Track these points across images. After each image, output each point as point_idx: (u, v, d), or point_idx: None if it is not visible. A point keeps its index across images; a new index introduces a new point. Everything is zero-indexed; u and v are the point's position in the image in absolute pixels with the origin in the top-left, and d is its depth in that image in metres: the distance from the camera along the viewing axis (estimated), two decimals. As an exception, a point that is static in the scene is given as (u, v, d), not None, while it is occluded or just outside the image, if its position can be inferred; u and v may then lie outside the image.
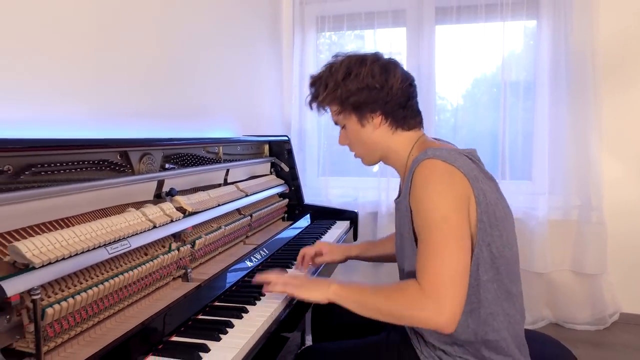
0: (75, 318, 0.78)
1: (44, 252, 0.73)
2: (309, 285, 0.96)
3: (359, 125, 1.02)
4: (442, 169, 0.86)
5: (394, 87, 0.97)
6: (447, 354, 0.95)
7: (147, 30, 1.39)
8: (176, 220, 1.09)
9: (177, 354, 0.75)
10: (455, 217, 0.83)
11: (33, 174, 0.81)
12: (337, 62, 1.02)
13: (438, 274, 0.80)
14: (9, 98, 0.94)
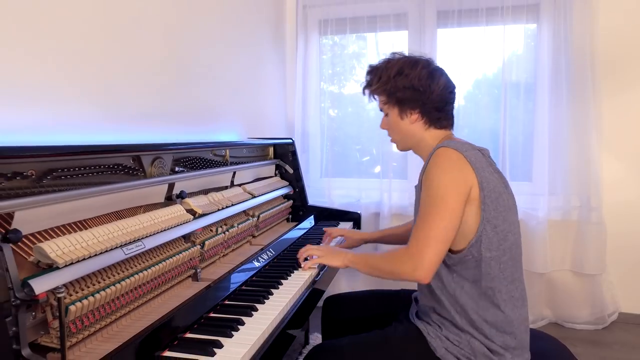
0: (94, 315, 0.82)
1: (66, 252, 0.77)
2: (331, 255, 1.21)
3: (398, 117, 1.16)
4: (451, 156, 1.01)
5: (434, 92, 1.12)
6: (452, 332, 1.04)
7: (157, 37, 1.43)
8: (186, 222, 1.13)
9: (192, 349, 0.79)
10: (452, 199, 0.98)
11: (54, 178, 0.85)
12: (394, 60, 1.16)
13: (423, 238, 0.98)
14: (30, 104, 0.98)
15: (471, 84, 2.56)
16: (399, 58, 1.17)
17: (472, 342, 1.02)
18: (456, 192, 0.99)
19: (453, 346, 1.03)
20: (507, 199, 1.05)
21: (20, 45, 0.96)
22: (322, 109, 2.72)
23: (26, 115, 0.97)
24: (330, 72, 2.76)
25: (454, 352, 1.02)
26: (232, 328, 0.87)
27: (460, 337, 1.03)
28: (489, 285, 1.02)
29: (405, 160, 2.62)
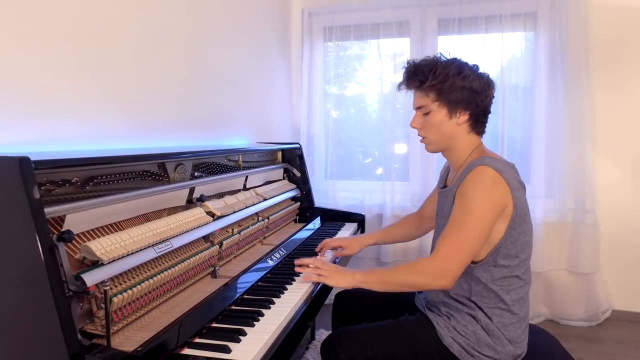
0: (131, 306, 0.92)
1: (109, 251, 0.87)
2: (337, 275, 1.19)
3: (447, 117, 1.16)
4: (491, 177, 1.07)
5: (489, 97, 1.17)
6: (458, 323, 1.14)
7: (177, 52, 1.53)
8: (207, 224, 1.23)
9: (220, 337, 0.88)
10: (486, 218, 1.05)
11: (94, 185, 0.95)
12: (447, 60, 1.17)
13: (452, 248, 1.05)
14: (69, 117, 1.08)
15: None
16: (453, 59, 1.17)
17: (478, 334, 1.11)
18: (491, 212, 1.05)
19: (459, 335, 1.12)
20: (529, 215, 1.15)
21: (67, 65, 1.06)
22: (326, 113, 2.82)
23: (68, 127, 1.07)
24: (333, 74, 2.86)
25: (460, 341, 1.12)
26: (253, 318, 0.97)
27: (466, 329, 1.13)
28: (500, 289, 1.11)
29: (406, 162, 2.72)
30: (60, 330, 0.67)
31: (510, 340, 1.11)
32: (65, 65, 1.07)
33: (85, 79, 1.14)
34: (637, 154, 2.38)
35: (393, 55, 2.76)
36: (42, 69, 1.01)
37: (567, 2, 2.34)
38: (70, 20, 1.08)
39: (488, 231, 1.07)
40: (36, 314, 0.68)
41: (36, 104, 1.00)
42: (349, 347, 1.17)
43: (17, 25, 0.95)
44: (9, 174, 0.66)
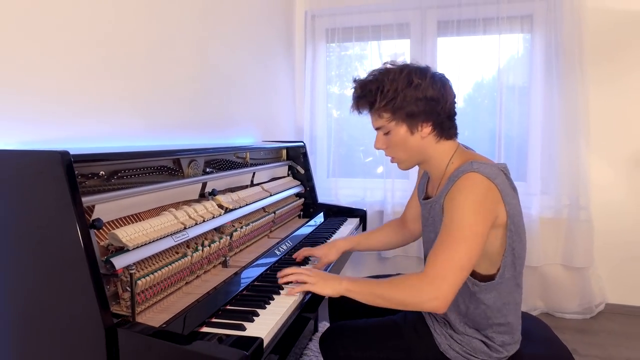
0: (153, 290, 1.00)
1: (133, 238, 0.95)
2: (322, 282, 1.08)
3: (408, 133, 1.07)
4: (482, 184, 0.97)
5: (448, 100, 1.06)
6: (456, 332, 1.13)
7: (187, 56, 1.61)
8: (219, 216, 1.31)
9: (235, 317, 0.96)
10: (480, 226, 0.95)
11: (119, 178, 1.03)
12: (395, 71, 1.05)
13: (444, 264, 0.94)
14: (93, 117, 1.16)
15: (470, 88, 2.73)
16: (401, 68, 1.06)
17: (473, 342, 1.11)
18: (483, 222, 0.95)
19: (455, 344, 1.12)
20: (522, 217, 1.06)
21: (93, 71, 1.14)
22: (328, 113, 2.89)
23: (92, 126, 1.15)
24: (334, 74, 2.93)
25: (456, 349, 1.11)
26: (264, 302, 1.05)
27: (463, 338, 1.12)
28: (503, 302, 1.07)
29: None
30: (97, 306, 0.75)
31: (504, 344, 1.11)
32: (91, 72, 1.15)
33: (107, 83, 1.22)
34: (630, 152, 2.46)
35: (394, 54, 2.84)
36: (73, 75, 1.09)
37: (562, 5, 2.42)
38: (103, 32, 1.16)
39: (482, 243, 0.96)
40: (75, 291, 0.76)
41: (65, 105, 1.08)
42: (347, 345, 1.19)
43: (57, 35, 1.03)
44: (52, 166, 0.74)
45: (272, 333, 0.91)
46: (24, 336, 0.84)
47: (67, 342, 0.79)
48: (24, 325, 0.83)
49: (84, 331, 0.77)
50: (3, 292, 0.84)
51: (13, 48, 0.94)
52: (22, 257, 0.80)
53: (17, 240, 0.80)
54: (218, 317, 0.97)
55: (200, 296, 1.07)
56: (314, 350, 2.11)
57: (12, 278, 0.83)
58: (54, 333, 0.81)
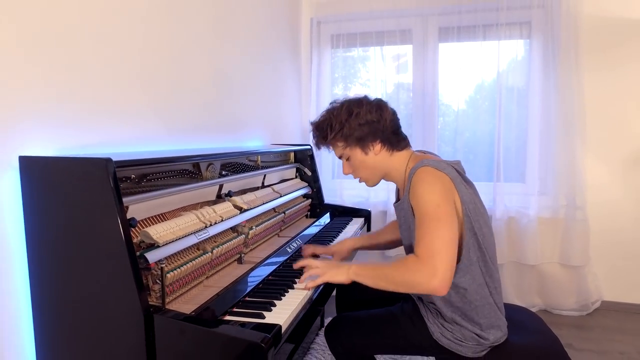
0: (179, 283, 1.10)
1: (162, 235, 1.05)
2: (333, 270, 1.17)
3: (363, 154, 1.24)
4: (433, 174, 1.11)
5: (387, 119, 1.23)
6: (447, 322, 1.24)
7: (203, 64, 1.71)
8: (235, 216, 1.41)
9: (254, 307, 1.06)
10: (445, 205, 1.06)
11: (147, 181, 1.13)
12: (338, 107, 1.25)
13: (431, 244, 1.02)
14: (123, 123, 1.26)
15: (469, 92, 2.82)
16: (340, 104, 1.26)
17: (463, 331, 1.21)
18: (446, 202, 1.07)
19: (447, 331, 1.22)
20: (479, 206, 1.19)
21: (120, 82, 1.24)
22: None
23: (121, 131, 1.25)
24: (337, 76, 3.03)
25: (447, 336, 1.22)
26: (280, 294, 1.14)
27: (453, 326, 1.22)
28: (478, 284, 1.17)
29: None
30: (137, 296, 0.85)
31: (492, 325, 1.20)
32: (122, 83, 1.26)
33: (135, 93, 1.33)
34: (625, 154, 2.55)
35: (396, 56, 2.93)
36: (107, 87, 1.19)
37: (559, 12, 2.52)
38: (136, 48, 1.27)
39: (455, 220, 1.06)
40: (117, 281, 0.87)
41: (99, 113, 1.18)
42: (350, 333, 1.31)
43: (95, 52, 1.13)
44: (97, 170, 0.84)
45: (288, 321, 1.01)
46: (72, 322, 0.94)
47: (110, 327, 0.90)
48: (72, 311, 0.93)
49: (125, 317, 0.88)
50: (55, 282, 0.94)
51: (56, 64, 1.04)
52: (71, 252, 0.91)
53: (65, 236, 0.91)
54: (239, 307, 1.07)
55: (220, 289, 1.17)
56: (320, 344, 2.21)
57: (62, 270, 0.93)
58: (99, 319, 0.91)
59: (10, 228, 0.94)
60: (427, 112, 2.76)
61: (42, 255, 0.94)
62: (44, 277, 0.95)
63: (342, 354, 1.36)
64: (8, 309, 0.95)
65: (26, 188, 0.93)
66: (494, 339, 1.22)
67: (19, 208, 0.95)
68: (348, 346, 1.33)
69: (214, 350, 0.84)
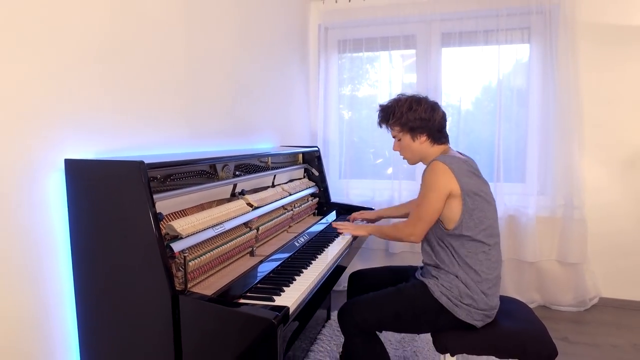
0: (199, 271, 1.24)
1: (185, 228, 1.19)
2: (358, 229, 1.83)
3: (411, 140, 1.59)
4: (439, 167, 1.45)
5: (436, 120, 1.56)
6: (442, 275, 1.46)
7: (220, 78, 1.85)
8: (247, 212, 1.55)
9: (265, 292, 1.20)
10: (435, 190, 1.44)
11: (171, 180, 1.27)
12: (403, 99, 1.60)
13: (414, 217, 1.50)
14: (151, 128, 1.41)
15: (471, 95, 2.93)
16: (406, 98, 1.60)
17: (459, 287, 1.44)
18: (439, 191, 1.45)
19: (445, 289, 1.45)
20: (484, 195, 1.48)
21: (152, 91, 1.39)
22: (340, 117, 3.12)
23: (150, 136, 1.40)
24: (346, 77, 3.15)
25: (446, 294, 1.44)
26: (288, 281, 1.28)
27: (450, 284, 1.45)
28: (467, 251, 1.46)
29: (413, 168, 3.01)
30: (166, 280, 0.99)
31: (483, 291, 1.43)
32: (152, 92, 1.40)
33: (164, 101, 1.47)
34: (622, 155, 2.64)
35: (404, 56, 3.04)
36: (138, 96, 1.34)
37: (557, 18, 2.61)
38: (166, 60, 1.41)
39: (438, 204, 1.45)
40: (148, 268, 1.01)
41: (131, 120, 1.33)
42: (361, 311, 1.48)
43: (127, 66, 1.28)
44: (132, 171, 0.99)
45: (295, 304, 1.14)
46: (109, 304, 1.08)
47: (142, 306, 1.04)
48: (109, 294, 1.08)
49: (155, 298, 1.02)
50: (94, 269, 1.09)
51: (95, 78, 1.19)
52: (108, 242, 1.05)
53: (104, 229, 1.05)
54: (252, 292, 1.21)
55: (234, 277, 1.31)
56: (327, 335, 2.34)
57: (100, 258, 1.07)
58: (132, 301, 1.05)
59: (57, 221, 1.09)
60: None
61: (84, 245, 1.09)
62: (85, 264, 1.09)
63: (354, 333, 1.49)
64: (54, 292, 1.10)
65: (70, 187, 1.08)
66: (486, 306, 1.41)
67: (64, 204, 1.10)
68: (359, 323, 1.47)
69: (231, 326, 0.98)
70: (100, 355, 1.11)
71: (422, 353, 2.17)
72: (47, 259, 1.07)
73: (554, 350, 1.34)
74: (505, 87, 2.78)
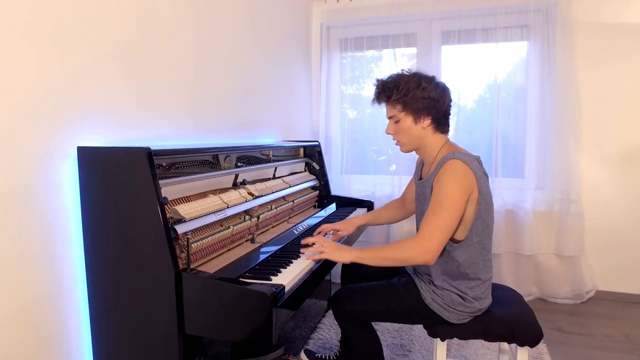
0: (201, 253, 1.32)
1: (188, 212, 1.27)
2: (336, 252, 1.36)
3: (412, 123, 1.39)
4: (461, 168, 1.29)
5: (445, 102, 1.38)
6: (437, 288, 1.43)
7: (225, 75, 1.94)
8: (248, 201, 1.63)
9: (264, 273, 1.27)
10: (457, 199, 1.26)
11: (176, 168, 1.35)
12: (410, 75, 1.38)
13: (432, 227, 1.25)
14: (160, 121, 1.50)
15: (471, 91, 2.98)
16: (413, 73, 1.38)
17: (451, 295, 1.40)
18: (462, 195, 1.27)
19: (437, 297, 1.41)
20: (490, 195, 1.39)
21: (161, 88, 1.48)
22: (343, 116, 3.19)
23: (159, 129, 1.49)
24: (350, 76, 3.22)
25: (437, 301, 1.41)
26: (286, 264, 1.36)
27: (443, 292, 1.41)
28: (472, 261, 1.37)
29: (413, 159, 3.07)
30: (170, 259, 1.07)
31: (476, 297, 1.40)
32: (161, 89, 1.49)
33: (171, 96, 1.56)
34: (618, 151, 2.68)
35: (406, 55, 3.10)
36: (149, 92, 1.42)
37: (555, 17, 2.66)
38: (175, 58, 1.50)
39: (461, 211, 1.27)
40: (154, 248, 1.09)
41: (141, 113, 1.41)
42: (352, 301, 1.49)
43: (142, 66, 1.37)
44: (138, 158, 1.07)
45: (291, 283, 1.22)
46: (118, 281, 1.17)
47: (148, 283, 1.12)
48: (118, 272, 1.16)
49: (160, 275, 1.10)
50: (104, 248, 1.17)
51: (108, 72, 1.28)
52: (117, 224, 1.14)
53: (114, 211, 1.14)
54: (250, 273, 1.29)
55: (236, 258, 1.39)
56: (327, 324, 2.42)
57: (110, 238, 1.16)
58: (139, 278, 1.14)
59: (70, 204, 1.18)
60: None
61: (95, 226, 1.17)
62: (96, 243, 1.18)
63: (345, 320, 1.55)
64: (68, 268, 1.19)
65: (82, 172, 1.16)
66: (477, 309, 1.41)
67: (77, 188, 1.18)
68: (350, 312, 1.52)
69: (231, 301, 1.06)
70: (110, 326, 1.19)
71: (418, 341, 2.23)
72: (61, 239, 1.16)
73: (539, 334, 1.40)
74: (504, 84, 2.83)
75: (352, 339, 1.56)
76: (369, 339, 1.57)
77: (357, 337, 1.56)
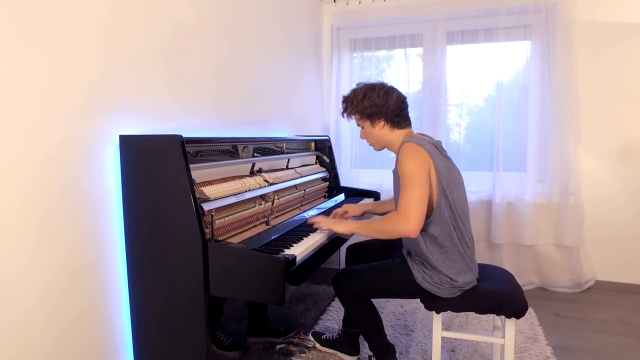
0: (223, 229, 1.50)
1: (212, 193, 1.46)
2: (339, 224, 1.62)
3: (371, 127, 1.65)
4: (412, 147, 1.48)
5: (391, 104, 1.60)
6: (427, 269, 1.58)
7: (243, 74, 2.12)
8: (264, 187, 1.81)
9: (278, 245, 1.45)
10: (419, 173, 1.43)
11: (201, 156, 1.54)
12: (358, 89, 1.66)
13: (406, 202, 1.42)
14: (188, 114, 1.69)
15: (474, 89, 3.12)
16: (361, 87, 1.65)
17: (440, 275, 1.54)
18: (421, 168, 1.44)
19: (427, 276, 1.56)
20: (454, 177, 1.55)
21: (189, 85, 1.67)
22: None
23: (187, 121, 1.68)
24: (360, 75, 3.36)
25: (428, 280, 1.56)
26: (297, 240, 1.53)
27: (432, 272, 1.55)
28: (448, 234, 1.53)
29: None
30: (198, 230, 1.26)
31: (462, 270, 1.54)
32: (188, 85, 1.68)
33: (197, 92, 1.76)
34: (616, 145, 2.79)
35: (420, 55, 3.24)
36: (179, 87, 1.62)
37: (555, 16, 2.78)
38: (199, 56, 1.69)
39: (426, 182, 1.43)
40: (184, 221, 1.28)
41: (171, 106, 1.61)
42: (352, 281, 1.68)
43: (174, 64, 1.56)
44: (173, 145, 1.26)
45: (301, 255, 1.40)
46: (152, 250, 1.36)
47: (180, 252, 1.31)
48: (153, 243, 1.35)
49: (190, 245, 1.28)
50: (143, 224, 1.36)
51: (147, 70, 1.47)
52: (154, 202, 1.33)
53: (151, 191, 1.32)
54: (267, 246, 1.47)
55: (251, 236, 1.57)
56: (335, 307, 2.59)
57: (148, 216, 1.35)
58: (172, 248, 1.32)
59: (112, 185, 1.37)
60: (437, 107, 3.08)
61: (133, 204, 1.36)
62: (134, 219, 1.37)
63: (346, 297, 1.73)
64: (110, 239, 1.38)
65: (123, 158, 1.35)
66: (464, 282, 1.56)
67: (118, 171, 1.38)
68: (350, 291, 1.70)
69: (250, 265, 1.24)
70: (145, 289, 1.38)
71: (421, 322, 2.39)
72: (105, 213, 1.35)
73: (524, 306, 1.55)
74: (506, 83, 2.96)
75: (352, 314, 1.74)
76: (368, 314, 1.75)
77: (356, 312, 1.74)
